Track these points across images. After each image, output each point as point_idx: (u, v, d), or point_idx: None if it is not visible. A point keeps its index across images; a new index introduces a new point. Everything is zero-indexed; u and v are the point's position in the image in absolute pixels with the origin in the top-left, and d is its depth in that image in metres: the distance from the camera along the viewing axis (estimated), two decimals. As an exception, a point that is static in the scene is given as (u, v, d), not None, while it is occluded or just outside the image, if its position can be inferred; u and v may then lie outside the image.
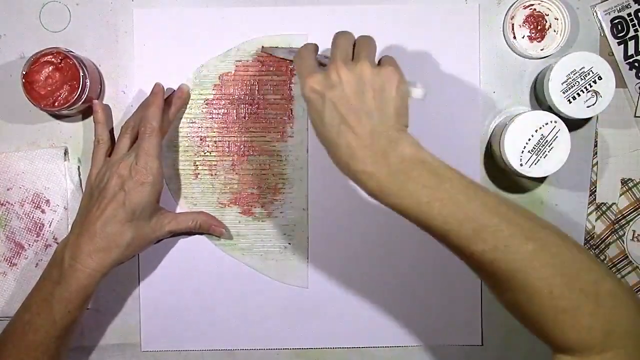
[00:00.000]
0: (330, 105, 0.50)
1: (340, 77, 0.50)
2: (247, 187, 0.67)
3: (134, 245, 0.60)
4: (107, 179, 0.59)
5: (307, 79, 0.51)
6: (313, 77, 0.51)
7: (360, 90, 0.50)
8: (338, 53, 0.52)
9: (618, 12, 0.66)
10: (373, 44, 0.54)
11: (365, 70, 0.50)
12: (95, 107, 0.64)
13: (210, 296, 0.67)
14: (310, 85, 0.51)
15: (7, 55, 0.66)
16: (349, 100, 0.50)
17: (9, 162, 0.66)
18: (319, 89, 0.51)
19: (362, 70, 0.50)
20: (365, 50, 0.52)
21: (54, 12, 0.66)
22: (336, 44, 0.53)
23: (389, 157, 0.49)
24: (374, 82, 0.50)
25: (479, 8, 0.67)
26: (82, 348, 0.67)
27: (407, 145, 0.50)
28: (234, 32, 0.67)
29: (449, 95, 0.67)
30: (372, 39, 0.55)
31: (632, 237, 0.67)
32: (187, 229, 0.65)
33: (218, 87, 0.67)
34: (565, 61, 0.61)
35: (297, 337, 0.68)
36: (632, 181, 0.67)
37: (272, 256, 0.67)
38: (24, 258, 0.66)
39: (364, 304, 0.68)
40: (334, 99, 0.50)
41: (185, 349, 0.67)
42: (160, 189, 0.61)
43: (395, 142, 0.49)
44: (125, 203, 0.58)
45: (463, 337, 0.67)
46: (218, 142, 0.67)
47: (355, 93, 0.50)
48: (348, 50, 0.53)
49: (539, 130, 0.60)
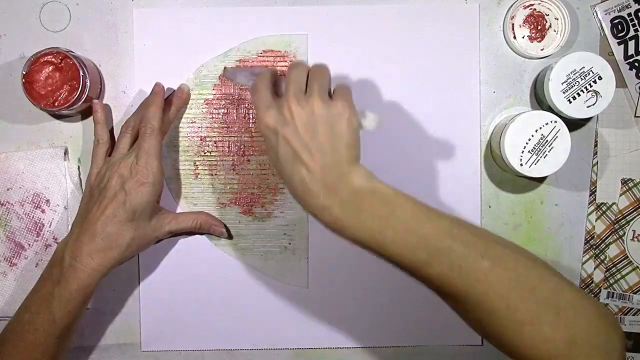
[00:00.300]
0: (283, 141, 0.52)
1: (292, 113, 0.52)
2: (247, 187, 0.67)
3: (134, 245, 0.60)
4: (107, 179, 0.59)
5: (261, 114, 0.53)
6: (267, 112, 0.53)
7: (312, 126, 0.51)
8: (291, 87, 0.53)
9: (618, 12, 0.66)
10: (326, 74, 0.55)
11: (316, 105, 0.52)
12: (94, 107, 0.64)
13: (210, 296, 0.67)
14: (265, 121, 0.53)
15: (7, 55, 0.66)
16: (301, 136, 0.51)
17: (9, 162, 0.66)
18: (272, 125, 0.52)
19: (314, 106, 0.52)
20: (317, 83, 0.53)
21: (54, 12, 0.66)
22: (289, 78, 0.54)
23: (341, 190, 0.50)
24: (326, 118, 0.51)
25: (479, 8, 0.67)
26: (82, 348, 0.67)
27: (357, 176, 0.51)
28: (234, 32, 0.67)
29: (449, 95, 0.67)
30: (326, 69, 0.55)
31: (632, 237, 0.67)
32: (187, 229, 0.65)
33: (218, 87, 0.67)
34: (565, 61, 0.61)
35: (297, 337, 0.68)
36: (632, 181, 0.67)
37: (272, 256, 0.68)
38: (24, 258, 0.66)
39: (363, 304, 0.68)
40: (286, 135, 0.51)
41: (185, 349, 0.67)
42: (161, 188, 0.61)
43: (346, 174, 0.51)
44: (125, 203, 0.58)
45: (463, 337, 0.67)
46: (218, 142, 0.67)
47: (307, 129, 0.51)
48: (301, 83, 0.54)
49: (539, 130, 0.60)
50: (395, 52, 0.67)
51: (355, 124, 0.52)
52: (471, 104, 0.67)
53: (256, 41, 0.67)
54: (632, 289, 0.67)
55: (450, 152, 0.67)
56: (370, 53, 0.67)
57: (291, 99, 0.52)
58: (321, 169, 0.50)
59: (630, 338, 0.68)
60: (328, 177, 0.50)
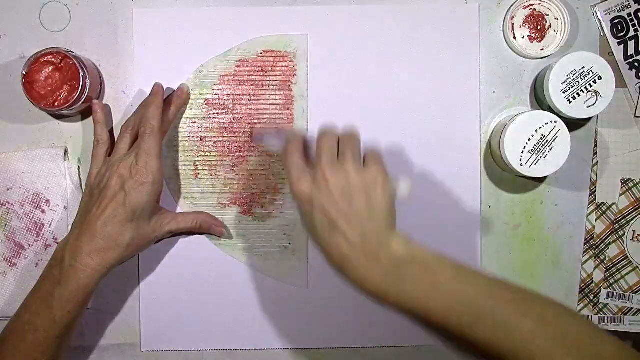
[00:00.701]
0: (319, 210, 0.51)
1: (328, 180, 0.51)
2: (247, 187, 0.67)
3: (134, 245, 0.59)
4: (107, 179, 0.59)
5: (294, 180, 0.52)
6: (301, 179, 0.52)
7: (348, 193, 0.51)
8: (324, 155, 0.53)
9: (618, 12, 0.66)
10: (357, 140, 0.55)
11: (351, 172, 0.52)
12: (94, 107, 0.64)
13: (210, 296, 0.67)
14: (299, 188, 0.52)
15: (7, 55, 0.66)
16: (337, 204, 0.51)
17: (9, 162, 0.66)
18: (307, 192, 0.52)
19: (348, 173, 0.51)
20: (349, 150, 0.53)
21: (54, 12, 0.66)
22: (321, 144, 0.54)
23: (381, 259, 0.50)
24: (361, 185, 0.51)
25: (479, 9, 0.67)
26: (82, 348, 0.67)
27: (397, 244, 0.51)
28: (234, 32, 0.67)
29: (449, 95, 0.67)
30: (357, 134, 0.55)
31: (632, 237, 0.67)
32: (187, 229, 0.65)
33: (218, 87, 0.67)
34: (565, 61, 0.61)
35: (297, 337, 0.68)
36: (632, 181, 0.67)
37: (272, 256, 0.67)
38: (24, 258, 0.66)
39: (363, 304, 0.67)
40: (323, 203, 0.51)
41: (185, 349, 0.67)
42: (161, 188, 0.61)
43: (386, 243, 0.50)
44: (125, 203, 0.58)
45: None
46: (218, 142, 0.67)
47: (343, 197, 0.51)
48: (333, 150, 0.54)
49: (539, 130, 0.60)
50: (395, 52, 0.67)
51: (390, 189, 0.52)
52: (471, 104, 0.67)
53: (256, 41, 0.67)
54: (632, 289, 0.67)
55: (450, 152, 0.67)
56: (371, 53, 0.67)
57: (325, 166, 0.52)
58: (360, 239, 0.50)
59: (630, 338, 0.68)
60: (368, 246, 0.50)
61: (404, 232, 0.52)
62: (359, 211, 0.51)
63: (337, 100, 0.67)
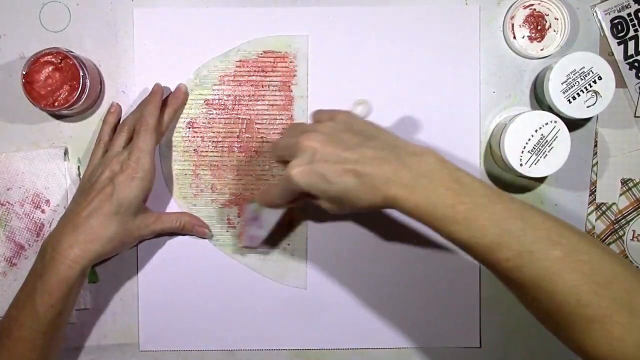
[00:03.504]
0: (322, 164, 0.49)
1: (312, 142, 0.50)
2: (247, 187, 0.67)
3: (116, 240, 0.59)
4: (99, 174, 0.60)
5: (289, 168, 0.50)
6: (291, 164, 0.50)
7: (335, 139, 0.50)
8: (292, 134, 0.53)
9: (618, 12, 0.66)
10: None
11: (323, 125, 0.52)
12: (111, 108, 0.65)
13: (210, 296, 0.67)
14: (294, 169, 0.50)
15: (7, 55, 0.66)
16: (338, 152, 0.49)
17: (9, 162, 0.66)
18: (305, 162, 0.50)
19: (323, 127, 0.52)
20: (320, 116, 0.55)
21: (54, 12, 0.67)
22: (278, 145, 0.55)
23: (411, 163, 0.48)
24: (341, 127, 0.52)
25: (479, 10, 0.67)
26: (81, 348, 0.67)
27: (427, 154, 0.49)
28: (234, 32, 0.67)
29: (449, 95, 0.67)
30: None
31: (632, 237, 0.67)
32: (170, 229, 0.64)
33: (218, 87, 0.67)
34: (565, 61, 0.61)
35: (296, 337, 0.67)
36: (632, 181, 0.67)
37: (271, 257, 0.67)
38: (24, 258, 0.66)
39: (362, 305, 0.67)
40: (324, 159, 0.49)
41: (185, 349, 0.67)
42: (150, 186, 0.61)
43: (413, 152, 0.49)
44: (112, 195, 0.58)
45: (461, 339, 0.67)
46: (218, 142, 0.67)
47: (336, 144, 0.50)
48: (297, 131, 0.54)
49: (539, 130, 0.60)
50: (395, 53, 0.67)
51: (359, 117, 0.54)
52: (471, 104, 0.67)
53: (256, 42, 0.67)
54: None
55: (450, 152, 0.67)
56: (371, 54, 0.67)
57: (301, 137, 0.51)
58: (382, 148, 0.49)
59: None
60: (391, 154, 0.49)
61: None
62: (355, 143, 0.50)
63: (337, 101, 0.67)
